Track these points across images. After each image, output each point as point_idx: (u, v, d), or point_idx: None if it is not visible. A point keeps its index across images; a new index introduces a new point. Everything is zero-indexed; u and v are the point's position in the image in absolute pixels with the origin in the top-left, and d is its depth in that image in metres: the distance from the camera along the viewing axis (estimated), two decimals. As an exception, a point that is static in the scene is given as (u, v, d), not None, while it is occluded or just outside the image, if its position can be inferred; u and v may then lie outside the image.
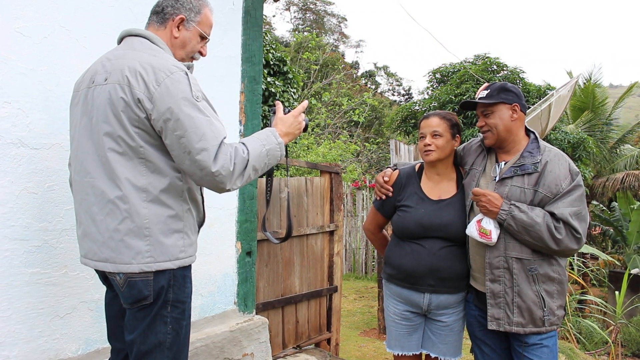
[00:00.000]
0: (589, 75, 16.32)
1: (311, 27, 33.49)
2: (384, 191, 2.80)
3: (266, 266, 4.31)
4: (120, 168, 1.83)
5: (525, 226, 2.35)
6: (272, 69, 9.82)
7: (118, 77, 1.84)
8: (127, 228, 1.83)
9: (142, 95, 1.80)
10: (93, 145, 1.88)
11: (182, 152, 1.80)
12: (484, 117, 2.55)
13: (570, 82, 10.72)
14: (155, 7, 2.08)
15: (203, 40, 2.14)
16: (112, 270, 1.87)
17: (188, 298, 2.01)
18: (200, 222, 2.12)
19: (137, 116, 1.81)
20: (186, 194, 1.95)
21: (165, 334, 1.92)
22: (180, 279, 1.95)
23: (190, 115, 1.78)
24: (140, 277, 1.86)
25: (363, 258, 11.18)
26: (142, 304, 1.88)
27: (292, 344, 4.65)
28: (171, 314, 1.93)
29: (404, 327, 2.77)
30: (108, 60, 1.94)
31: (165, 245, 1.88)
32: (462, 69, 13.97)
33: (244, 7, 3.48)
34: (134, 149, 1.84)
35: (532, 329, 2.42)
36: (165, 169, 1.88)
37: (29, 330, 2.37)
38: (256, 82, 3.60)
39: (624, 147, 16.95)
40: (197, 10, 2.07)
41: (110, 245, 1.86)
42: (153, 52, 1.92)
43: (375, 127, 22.54)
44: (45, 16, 2.41)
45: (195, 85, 1.87)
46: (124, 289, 1.88)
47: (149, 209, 1.84)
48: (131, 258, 1.84)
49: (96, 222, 1.88)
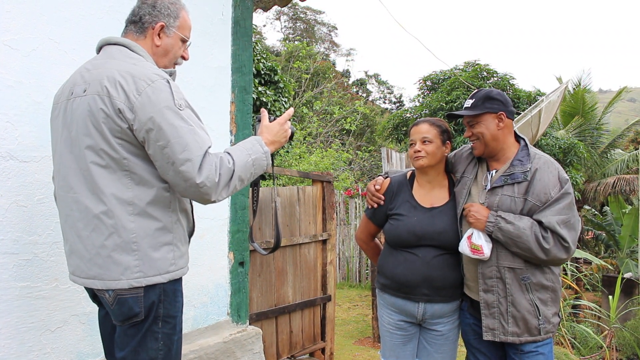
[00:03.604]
0: (579, 81, 16.45)
1: (302, 36, 33.58)
2: (376, 200, 2.79)
3: (259, 276, 4.29)
4: (104, 182, 1.78)
5: (512, 237, 2.34)
6: (263, 78, 9.83)
7: (97, 88, 1.79)
8: (114, 243, 1.78)
9: (122, 105, 1.74)
10: (74, 159, 1.84)
11: (166, 162, 1.75)
12: (470, 127, 2.55)
13: (560, 87, 10.79)
14: (131, 16, 2.01)
15: (184, 44, 2.09)
16: (101, 287, 1.82)
17: (179, 312, 1.97)
18: (190, 232, 2.06)
19: (119, 127, 1.76)
20: (174, 204, 1.90)
21: (157, 350, 1.87)
22: (171, 293, 1.91)
23: (173, 125, 1.73)
24: (130, 293, 1.80)
25: (357, 266, 11.15)
26: (133, 321, 1.84)
27: (287, 354, 4.63)
28: (162, 330, 1.88)
29: (398, 337, 2.75)
30: (87, 70, 1.88)
31: (154, 259, 1.82)
32: (453, 76, 14.03)
33: (233, 18, 3.49)
34: (118, 162, 1.78)
35: (527, 338, 2.40)
36: (150, 180, 1.82)
37: (19, 345, 2.34)
38: (247, 92, 3.60)
39: (614, 152, 17.06)
40: (175, 14, 2.01)
41: (97, 262, 1.80)
42: (132, 61, 1.86)
43: (367, 135, 22.57)
44: (33, 28, 2.40)
45: (178, 93, 1.82)
46: (114, 306, 1.83)
47: (136, 222, 1.79)
48: (120, 274, 1.79)
49: (82, 239, 1.83)
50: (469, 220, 2.46)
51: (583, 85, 16.34)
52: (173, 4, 2.02)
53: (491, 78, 13.94)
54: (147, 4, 1.99)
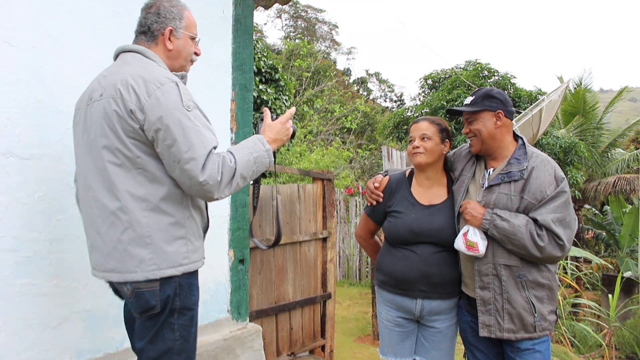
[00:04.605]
0: (580, 80, 16.45)
1: (302, 35, 33.55)
2: (375, 197, 2.81)
3: (259, 274, 4.29)
4: (119, 179, 1.88)
5: (507, 234, 2.35)
6: (264, 76, 9.82)
7: (111, 92, 1.89)
8: (129, 238, 1.88)
9: (134, 106, 1.84)
10: (92, 160, 1.94)
11: (172, 161, 1.84)
12: (468, 124, 2.57)
13: (561, 87, 10.81)
14: (139, 27, 2.11)
15: (194, 41, 2.18)
16: (118, 280, 1.92)
17: (195, 305, 2.06)
18: (204, 228, 2.17)
19: (131, 127, 1.86)
20: (187, 200, 1.98)
21: (173, 340, 1.97)
22: (187, 287, 2.00)
23: (180, 125, 1.82)
24: (146, 287, 1.90)
25: (357, 264, 11.16)
26: (150, 313, 1.93)
27: (287, 352, 4.64)
28: (178, 321, 1.98)
29: (397, 333, 2.76)
30: (103, 77, 1.99)
31: (167, 252, 1.91)
32: (454, 75, 14.03)
33: (234, 16, 3.49)
34: (132, 160, 1.88)
35: (523, 335, 2.41)
36: (163, 177, 1.91)
37: (19, 342, 2.35)
38: (247, 89, 3.60)
39: (615, 151, 17.07)
40: (180, 16, 2.11)
41: (114, 255, 1.90)
42: (144, 65, 1.96)
43: (367, 133, 22.57)
44: (33, 25, 2.40)
45: (186, 95, 1.91)
46: (132, 299, 1.93)
47: (149, 218, 1.89)
48: (135, 267, 1.88)
49: (101, 234, 1.93)
50: (465, 217, 2.48)
51: (584, 84, 16.34)
52: (175, 7, 2.11)
53: (492, 77, 13.94)
54: (151, 13, 2.08)
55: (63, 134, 2.49)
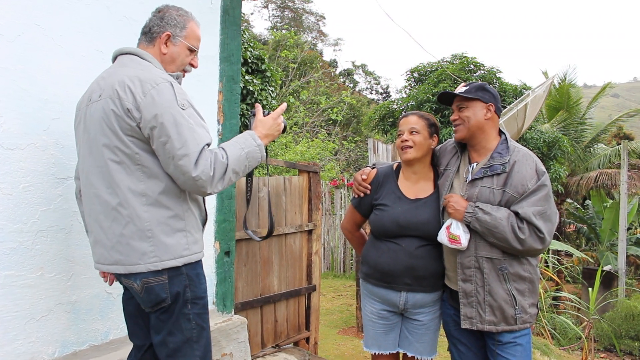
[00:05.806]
0: (564, 76, 16.56)
1: (289, 25, 33.43)
2: (362, 189, 2.82)
3: (245, 266, 4.30)
4: (119, 176, 1.97)
5: (489, 227, 2.39)
6: (250, 67, 9.76)
7: (109, 92, 1.98)
8: (131, 232, 1.97)
9: (130, 105, 1.93)
10: (93, 158, 2.03)
11: (167, 157, 1.92)
12: (458, 111, 2.60)
13: (546, 82, 10.89)
14: (143, 27, 2.21)
15: (192, 53, 2.26)
16: (123, 272, 2.00)
17: (205, 293, 2.16)
18: (203, 221, 2.24)
19: (128, 125, 1.94)
20: (184, 194, 2.06)
21: (190, 330, 2.07)
22: (194, 277, 2.09)
23: (174, 123, 1.90)
24: (155, 281, 1.99)
25: (341, 256, 11.21)
26: (161, 306, 2.03)
27: (271, 343, 4.66)
28: (192, 311, 2.08)
29: (381, 326, 2.79)
30: (102, 78, 2.08)
31: (168, 244, 2.00)
32: (440, 68, 14.08)
33: (222, 6, 3.47)
34: (131, 157, 1.96)
35: (504, 327, 2.45)
36: (160, 173, 1.99)
37: (3, 334, 2.34)
38: (234, 81, 3.59)
39: (597, 146, 17.26)
40: (182, 25, 2.19)
41: (118, 249, 1.99)
42: (141, 67, 2.05)
43: (353, 125, 22.58)
44: (19, 14, 2.37)
45: (181, 94, 1.99)
46: (143, 295, 2.02)
47: (149, 212, 1.97)
48: (138, 259, 1.97)
49: (104, 229, 2.02)
50: (448, 210, 2.51)
51: (568, 80, 16.46)
52: (181, 16, 2.21)
53: (478, 71, 14.02)
54: (157, 17, 2.19)
55: (49, 124, 2.47)
